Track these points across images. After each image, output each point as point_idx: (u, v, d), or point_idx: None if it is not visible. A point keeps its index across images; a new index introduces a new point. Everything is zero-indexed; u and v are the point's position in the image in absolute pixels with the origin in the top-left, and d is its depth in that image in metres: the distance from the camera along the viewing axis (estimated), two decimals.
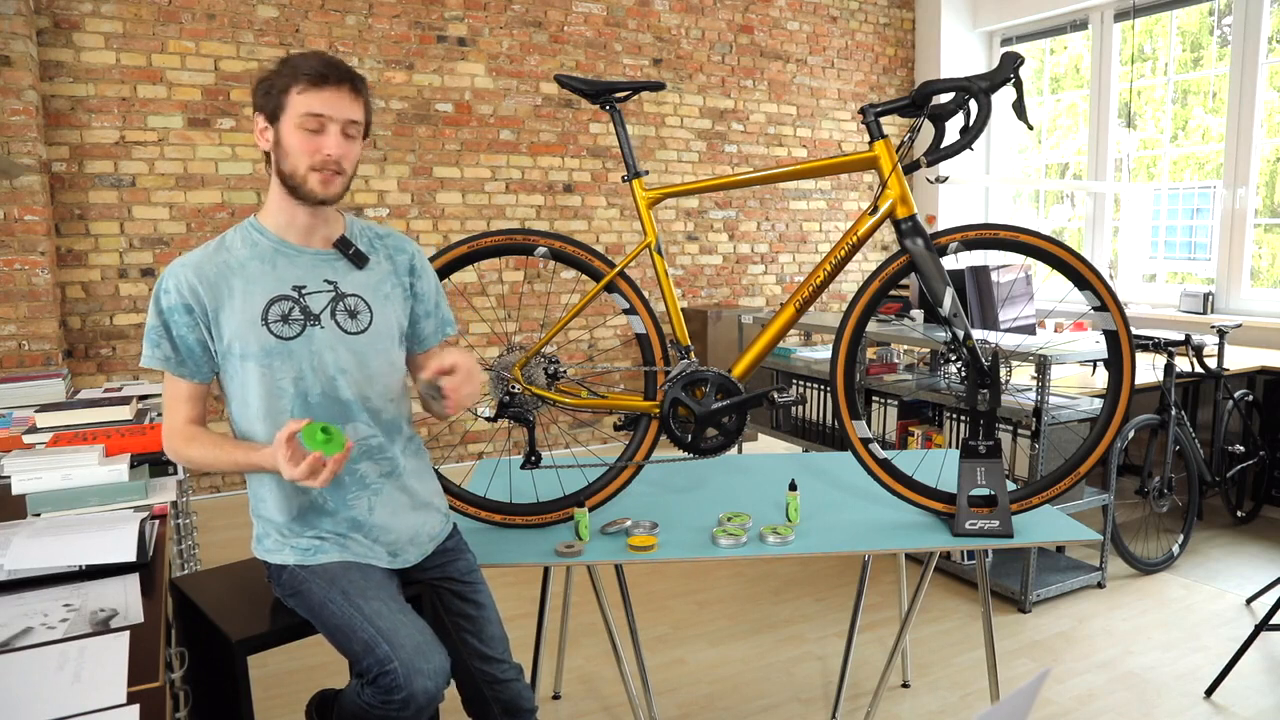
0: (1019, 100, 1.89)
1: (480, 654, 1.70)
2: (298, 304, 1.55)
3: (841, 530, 1.98)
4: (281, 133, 1.50)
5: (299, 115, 1.48)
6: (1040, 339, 3.40)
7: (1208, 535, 3.78)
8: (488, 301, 4.93)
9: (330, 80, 1.48)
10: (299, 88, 1.48)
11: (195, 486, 4.30)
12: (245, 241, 1.56)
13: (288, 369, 1.54)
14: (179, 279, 1.50)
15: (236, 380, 1.55)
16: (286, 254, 1.57)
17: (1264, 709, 2.41)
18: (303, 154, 1.49)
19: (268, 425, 1.53)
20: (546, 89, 4.98)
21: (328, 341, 1.56)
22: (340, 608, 1.50)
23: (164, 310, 1.50)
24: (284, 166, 1.51)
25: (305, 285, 1.57)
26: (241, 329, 1.52)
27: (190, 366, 1.53)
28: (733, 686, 2.57)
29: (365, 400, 1.60)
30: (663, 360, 1.99)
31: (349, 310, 1.59)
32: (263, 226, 1.58)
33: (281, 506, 1.57)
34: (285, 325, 1.54)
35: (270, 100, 1.49)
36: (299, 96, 1.48)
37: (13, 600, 1.33)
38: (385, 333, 1.63)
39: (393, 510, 1.63)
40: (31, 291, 3.72)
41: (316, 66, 1.48)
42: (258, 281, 1.54)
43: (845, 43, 5.95)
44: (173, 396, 1.56)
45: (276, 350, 1.53)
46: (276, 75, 1.50)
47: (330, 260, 1.60)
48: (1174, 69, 5.03)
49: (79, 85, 3.95)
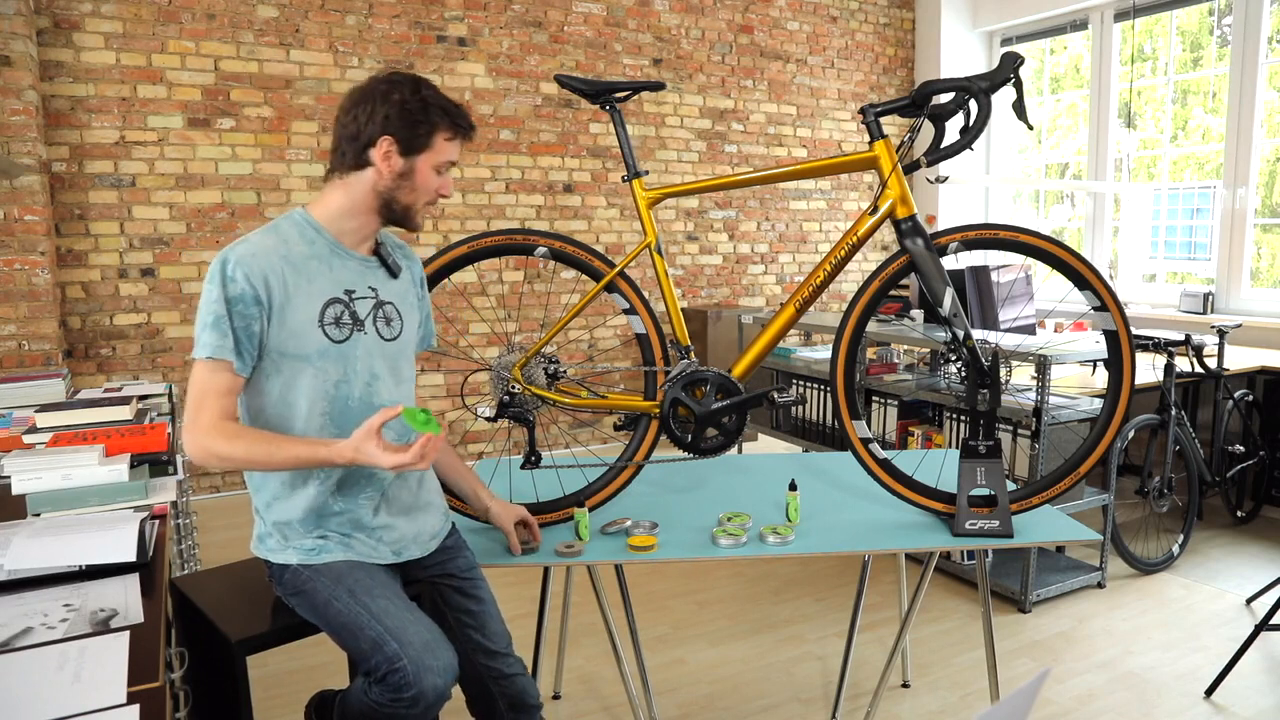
0: (1019, 100, 1.89)
1: (485, 649, 1.70)
2: (348, 308, 1.57)
3: (841, 530, 1.98)
4: (416, 168, 1.55)
5: (440, 160, 1.57)
6: (1040, 339, 3.40)
7: (1208, 535, 3.78)
8: (488, 301, 4.93)
9: (471, 135, 1.61)
10: (448, 135, 1.56)
11: (195, 487, 4.30)
12: (302, 237, 1.55)
13: (335, 371, 1.55)
14: (249, 268, 1.46)
15: (281, 378, 1.52)
16: (340, 256, 1.58)
17: (1264, 709, 2.41)
18: (427, 192, 1.58)
19: (308, 425, 1.54)
20: (546, 89, 4.98)
21: (369, 347, 1.59)
22: (347, 606, 1.50)
23: (230, 299, 1.45)
24: (402, 197, 1.56)
25: (354, 290, 1.59)
26: (301, 327, 1.51)
27: (245, 359, 1.48)
28: (733, 686, 2.57)
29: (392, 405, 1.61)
30: (663, 360, 1.99)
31: (386, 318, 1.63)
32: (319, 224, 1.57)
33: (298, 506, 1.56)
34: (337, 328, 1.55)
35: (415, 135, 1.53)
36: (446, 143, 1.56)
37: (13, 600, 1.33)
38: (410, 340, 1.70)
39: (397, 510, 1.64)
40: (31, 291, 3.72)
41: (466, 119, 1.59)
42: (317, 281, 1.54)
43: (845, 43, 5.96)
44: (212, 391, 1.47)
45: (329, 352, 1.54)
46: (423, 112, 1.53)
47: (373, 267, 1.63)
48: (1174, 69, 5.03)
49: (79, 85, 3.95)
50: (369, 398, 1.58)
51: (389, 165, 1.53)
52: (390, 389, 1.62)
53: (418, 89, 1.53)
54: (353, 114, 1.53)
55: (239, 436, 1.47)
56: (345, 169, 1.55)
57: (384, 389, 1.61)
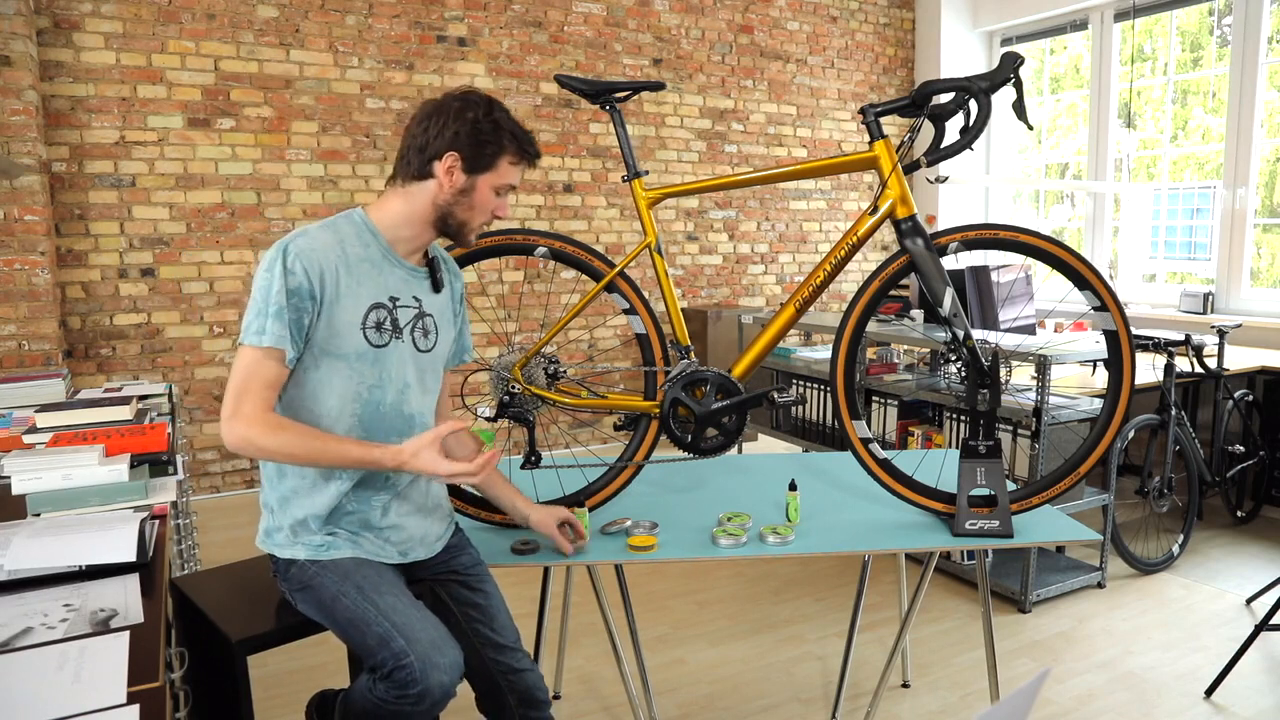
0: (1019, 100, 1.89)
1: (494, 643, 1.70)
2: (390, 314, 1.58)
3: (841, 530, 1.98)
4: (477, 187, 1.57)
5: (502, 182, 1.58)
6: (1040, 339, 3.40)
7: (1208, 535, 3.78)
8: (488, 301, 4.93)
9: (536, 163, 1.63)
10: (513, 158, 1.58)
11: (195, 487, 4.30)
12: (359, 238, 1.57)
13: (369, 375, 1.56)
14: (309, 260, 1.47)
15: (318, 374, 1.53)
16: (391, 262, 1.59)
17: (1264, 709, 2.41)
18: (486, 212, 1.60)
19: (336, 424, 1.55)
20: (546, 89, 4.98)
21: (404, 356, 1.60)
22: (354, 602, 1.50)
23: (291, 290, 1.46)
24: (459, 213, 1.58)
25: (399, 298, 1.60)
26: (345, 327, 1.52)
27: (297, 350, 1.49)
28: (733, 686, 2.57)
29: (422, 415, 1.66)
30: (663, 360, 1.99)
31: (425, 329, 1.65)
32: (375, 228, 1.58)
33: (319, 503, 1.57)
34: (378, 333, 1.56)
35: (481, 154, 1.55)
36: (510, 166, 1.58)
37: (13, 600, 1.33)
38: (443, 354, 1.72)
39: (406, 512, 1.65)
40: (31, 291, 3.72)
41: (533, 145, 1.60)
42: (365, 284, 1.55)
43: (845, 43, 5.96)
44: (260, 380, 1.46)
45: (366, 355, 1.55)
46: (493, 132, 1.54)
47: (420, 278, 1.64)
48: (1174, 69, 5.03)
49: (79, 85, 3.95)
50: (400, 405, 1.60)
51: (451, 180, 1.55)
52: (418, 399, 1.64)
53: (490, 110, 1.55)
54: (424, 125, 1.55)
55: (284, 429, 1.47)
56: (408, 178, 1.57)
57: (414, 398, 1.63)
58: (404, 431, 1.61)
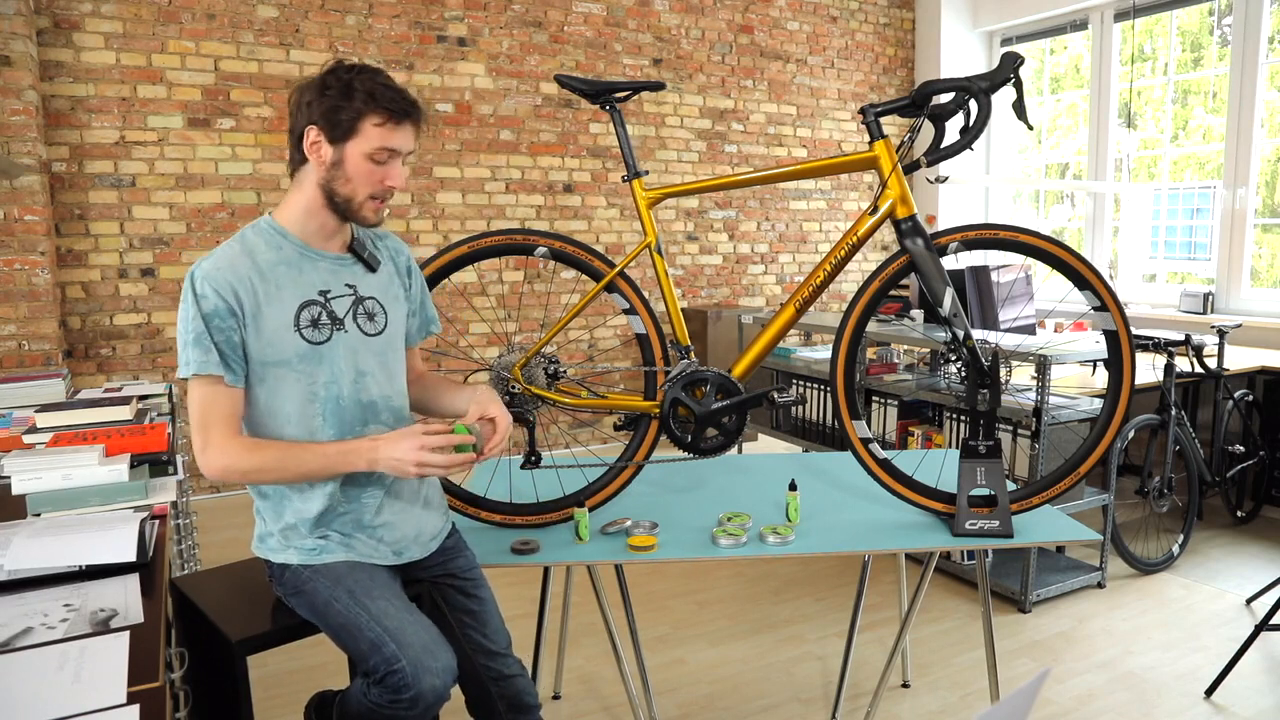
0: (1019, 100, 1.89)
1: (485, 650, 1.70)
2: (324, 308, 1.55)
3: (841, 530, 1.98)
4: (346, 157, 1.48)
5: (371, 147, 1.47)
6: (1040, 339, 3.40)
7: (1208, 535, 3.78)
8: (488, 301, 4.93)
9: (409, 118, 1.49)
10: (376, 120, 1.46)
11: (195, 487, 4.29)
12: (269, 245, 1.54)
13: (320, 373, 1.54)
14: (217, 281, 1.46)
15: (266, 386, 1.52)
16: (310, 258, 1.56)
17: (1264, 709, 2.41)
18: (367, 183, 1.49)
19: (300, 429, 1.54)
20: (546, 89, 4.98)
21: (352, 345, 1.58)
22: (346, 607, 1.50)
23: (206, 315, 1.45)
24: (339, 188, 1.50)
25: (329, 290, 1.57)
26: (277, 334, 1.50)
27: (235, 370, 1.48)
28: (733, 686, 2.57)
29: (387, 400, 1.62)
30: (663, 360, 1.99)
31: (368, 313, 1.61)
32: (283, 229, 1.56)
33: (311, 508, 1.56)
34: (315, 330, 1.54)
35: (338, 122, 1.46)
36: (375, 129, 1.46)
37: (13, 600, 1.33)
38: (398, 333, 1.67)
39: (398, 509, 1.64)
40: (31, 291, 3.72)
41: (397, 102, 1.46)
42: (287, 287, 1.52)
43: (845, 43, 5.95)
44: (216, 408, 1.47)
45: (309, 355, 1.53)
46: (345, 97, 1.45)
47: (348, 264, 1.61)
48: (1174, 69, 5.03)
49: (79, 85, 3.95)
50: (358, 394, 1.58)
51: (318, 156, 1.48)
52: (382, 384, 1.61)
53: (347, 74, 1.46)
54: (292, 107, 1.51)
55: (259, 448, 1.48)
56: (294, 167, 1.54)
57: (374, 384, 1.60)
58: (369, 420, 1.59)
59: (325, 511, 1.57)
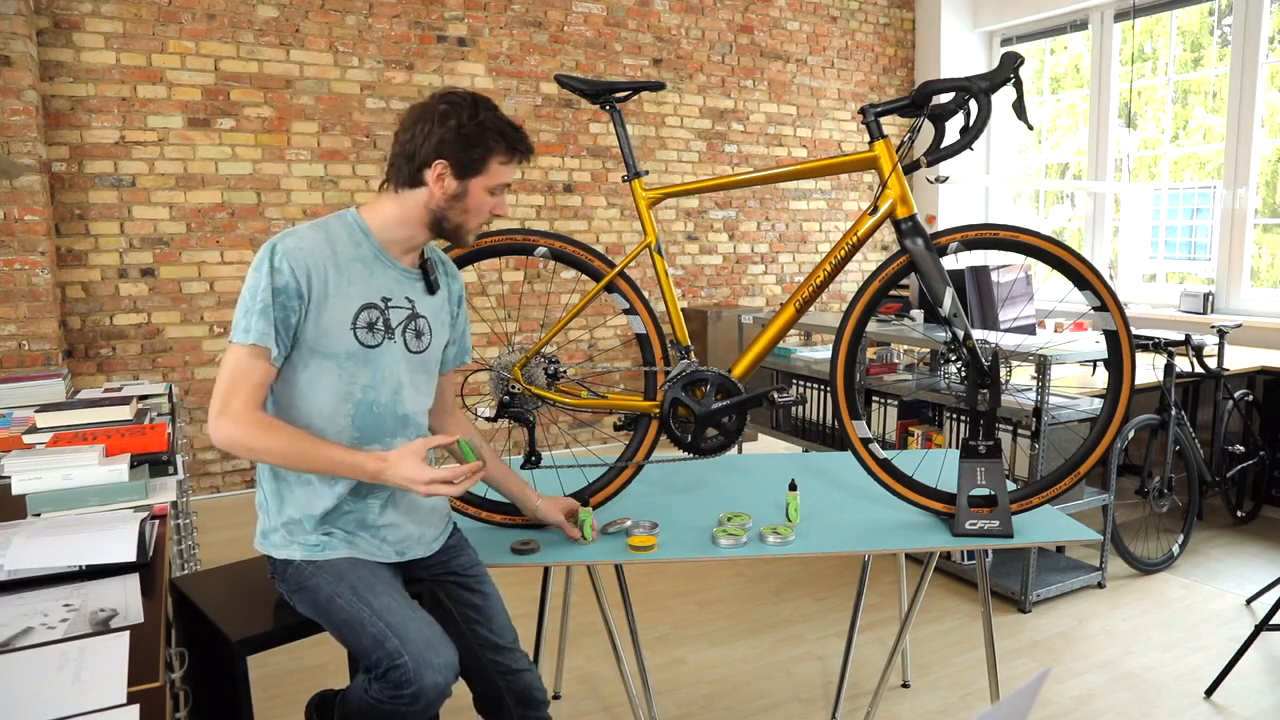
0: (1019, 100, 1.89)
1: (492, 644, 1.70)
2: (382, 315, 1.57)
3: (841, 530, 1.98)
4: (470, 190, 1.55)
5: (495, 183, 1.56)
6: (1040, 339, 3.40)
7: (1208, 535, 3.78)
8: (488, 301, 4.93)
9: (529, 158, 1.60)
10: (503, 158, 1.55)
11: (195, 487, 4.29)
12: (350, 238, 1.56)
13: (362, 376, 1.56)
14: (295, 260, 1.47)
15: (308, 374, 1.53)
16: (383, 263, 1.59)
17: (1264, 709, 2.41)
18: (482, 213, 1.58)
19: (326, 424, 1.55)
20: (546, 89, 4.98)
21: (398, 356, 1.60)
22: (349, 603, 1.50)
23: (277, 289, 1.46)
24: (454, 217, 1.57)
25: (391, 298, 1.59)
26: (334, 326, 1.52)
27: (282, 349, 1.49)
28: (733, 686, 2.57)
29: (417, 415, 1.66)
30: (663, 360, 1.99)
31: (417, 331, 1.64)
32: (368, 229, 1.58)
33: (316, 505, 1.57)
34: (370, 333, 1.56)
35: (469, 158, 1.52)
36: (501, 166, 1.55)
37: (13, 600, 1.33)
38: (436, 355, 1.70)
39: (402, 511, 1.65)
40: (31, 291, 3.72)
41: (524, 142, 1.57)
42: (356, 284, 1.54)
43: (845, 43, 5.96)
44: (247, 378, 1.47)
45: (357, 355, 1.55)
46: (479, 135, 1.51)
47: (413, 280, 1.64)
48: (1174, 69, 5.03)
49: (79, 85, 3.95)
50: (395, 406, 1.60)
51: (442, 187, 1.54)
52: (413, 400, 1.64)
53: (476, 112, 1.52)
54: (410, 132, 1.53)
55: (272, 430, 1.48)
56: (400, 184, 1.56)
57: (410, 399, 1.63)
58: (399, 432, 1.61)
59: (331, 510, 1.57)
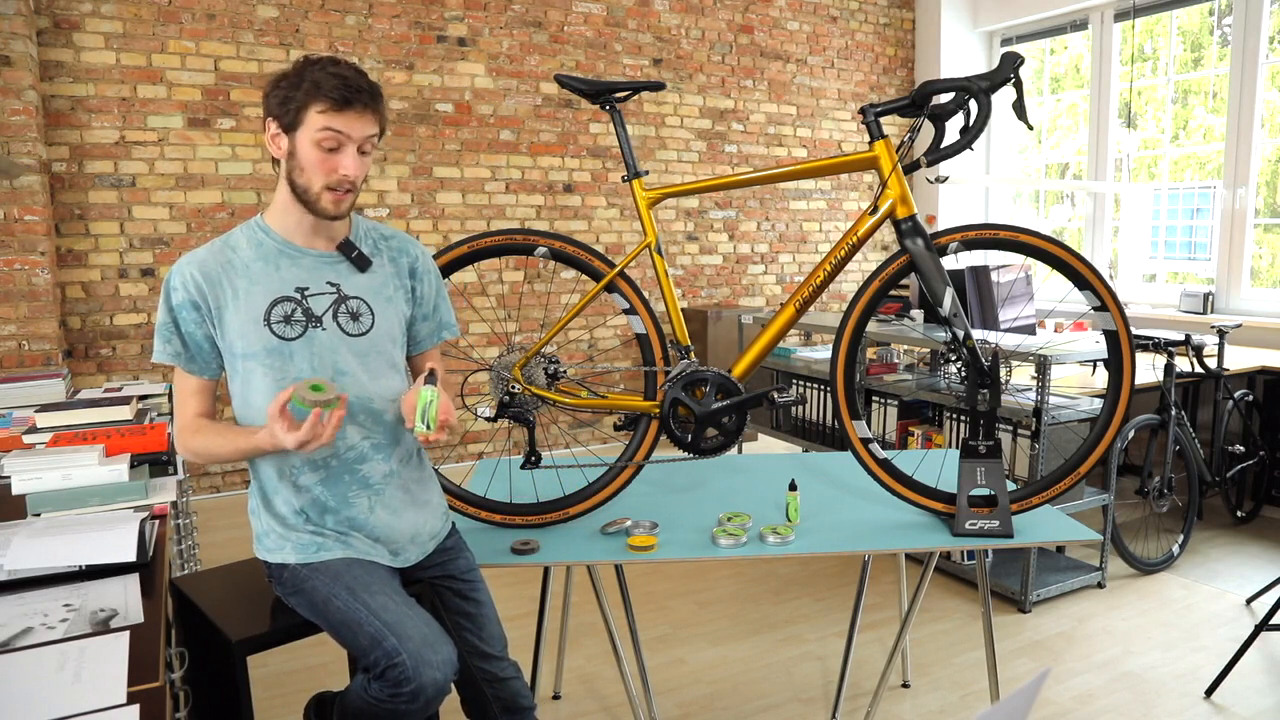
0: (1019, 100, 1.89)
1: (480, 652, 1.70)
2: (300, 305, 1.56)
3: (841, 530, 1.98)
4: (297, 145, 1.49)
5: (317, 132, 1.47)
6: (1040, 339, 3.40)
7: (1208, 535, 3.78)
8: (488, 301, 4.93)
9: (353, 104, 1.47)
10: (319, 107, 1.46)
11: (195, 487, 4.29)
12: (250, 241, 1.58)
13: (290, 369, 1.55)
14: (185, 276, 1.53)
15: (239, 378, 1.56)
16: (290, 255, 1.58)
17: (1264, 709, 2.41)
18: (318, 172, 1.50)
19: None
20: (546, 89, 4.98)
21: (330, 343, 1.57)
22: (345, 603, 1.50)
23: (173, 307, 1.53)
24: (297, 179, 1.52)
25: (308, 287, 1.58)
26: (244, 328, 1.53)
27: (200, 362, 1.56)
28: (733, 686, 2.57)
29: (367, 401, 1.60)
30: (663, 360, 1.99)
31: (351, 312, 1.60)
32: (268, 226, 1.59)
33: (287, 499, 1.57)
34: (288, 326, 1.55)
35: (286, 111, 1.48)
36: (318, 115, 1.46)
37: (13, 600, 1.33)
38: (387, 335, 1.64)
39: (393, 510, 1.64)
40: (31, 291, 3.72)
41: (340, 89, 1.45)
42: (260, 282, 1.55)
43: (845, 43, 5.95)
44: (182, 392, 1.58)
45: (279, 350, 1.54)
46: (294, 87, 1.46)
47: (333, 262, 1.61)
48: (1174, 69, 5.03)
49: (79, 85, 3.95)
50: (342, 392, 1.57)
51: (277, 147, 1.52)
52: (363, 384, 1.59)
53: (303, 67, 1.47)
54: None
55: (200, 432, 1.57)
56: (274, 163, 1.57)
57: (352, 385, 1.58)
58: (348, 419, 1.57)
59: (311, 504, 1.58)
